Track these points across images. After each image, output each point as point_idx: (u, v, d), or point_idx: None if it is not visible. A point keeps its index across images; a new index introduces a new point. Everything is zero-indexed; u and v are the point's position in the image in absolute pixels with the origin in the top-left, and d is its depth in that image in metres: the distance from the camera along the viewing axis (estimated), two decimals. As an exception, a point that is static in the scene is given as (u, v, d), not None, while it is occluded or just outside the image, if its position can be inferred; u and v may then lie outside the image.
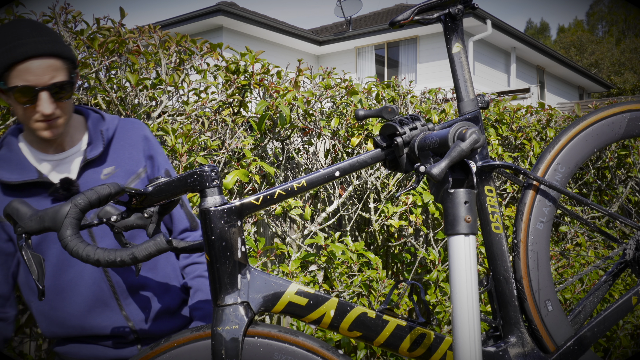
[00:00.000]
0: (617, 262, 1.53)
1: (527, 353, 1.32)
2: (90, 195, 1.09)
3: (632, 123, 1.45)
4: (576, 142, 1.40)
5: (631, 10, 39.33)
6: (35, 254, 1.06)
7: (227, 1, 13.29)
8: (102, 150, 1.46)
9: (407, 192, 1.52)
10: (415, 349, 1.21)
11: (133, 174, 1.48)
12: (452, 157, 1.03)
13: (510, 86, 14.92)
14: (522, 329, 1.32)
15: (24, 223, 1.08)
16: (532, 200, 1.35)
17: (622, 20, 42.27)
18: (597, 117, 1.42)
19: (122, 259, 1.08)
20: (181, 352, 1.15)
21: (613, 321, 1.37)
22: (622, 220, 1.47)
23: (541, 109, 3.95)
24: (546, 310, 1.33)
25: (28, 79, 1.30)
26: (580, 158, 1.40)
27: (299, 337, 1.17)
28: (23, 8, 2.16)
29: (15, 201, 1.10)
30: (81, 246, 1.05)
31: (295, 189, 1.19)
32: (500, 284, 1.33)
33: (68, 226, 1.06)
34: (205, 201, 1.12)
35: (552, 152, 1.38)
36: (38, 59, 1.30)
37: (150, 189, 1.14)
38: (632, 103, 1.46)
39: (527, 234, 1.34)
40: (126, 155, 1.49)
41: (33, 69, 1.30)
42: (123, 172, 1.47)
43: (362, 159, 1.26)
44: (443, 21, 1.37)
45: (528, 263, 1.33)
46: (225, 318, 1.11)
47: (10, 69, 1.30)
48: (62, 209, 1.07)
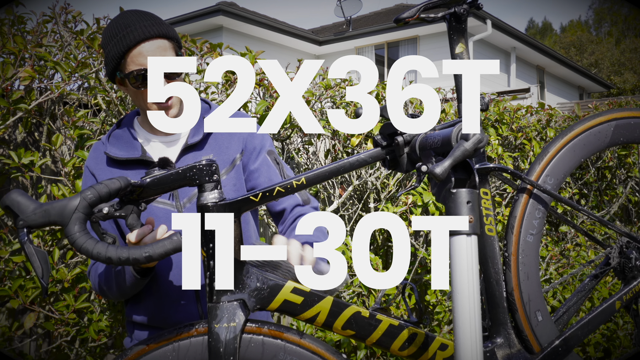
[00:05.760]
0: (600, 266, 1.56)
1: (514, 354, 1.34)
2: (101, 189, 1.05)
3: (617, 131, 1.47)
4: (564, 153, 1.42)
5: (632, 10, 39.33)
6: (40, 250, 1.01)
7: (227, 1, 13.29)
8: (202, 137, 1.50)
9: (408, 191, 1.52)
10: (406, 348, 1.22)
11: (229, 163, 1.51)
12: (455, 156, 1.02)
13: (510, 86, 14.92)
14: (510, 329, 1.34)
15: (26, 216, 1.01)
16: (523, 210, 1.37)
17: (622, 20, 42.27)
18: (583, 127, 1.45)
19: (135, 257, 1.03)
20: (176, 349, 1.14)
21: (597, 324, 1.40)
22: (610, 226, 1.49)
23: (541, 109, 3.95)
24: (536, 321, 1.36)
25: (141, 62, 1.38)
26: (568, 169, 1.42)
27: (304, 339, 1.17)
28: (23, 8, 2.16)
29: (15, 192, 1.03)
30: (91, 243, 1.01)
31: (295, 186, 1.18)
32: (491, 285, 1.35)
33: (76, 221, 1.01)
34: (204, 196, 1.11)
35: (541, 164, 1.41)
36: (147, 42, 1.39)
37: (148, 180, 1.12)
38: (617, 111, 1.49)
39: (518, 247, 1.37)
40: (224, 144, 1.52)
41: (144, 51, 1.38)
42: (220, 161, 1.50)
43: (362, 157, 1.26)
44: (448, 20, 1.37)
45: (519, 276, 1.36)
46: (222, 315, 1.11)
47: (124, 56, 1.39)
48: (70, 203, 1.02)
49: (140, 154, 1.47)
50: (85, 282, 2.03)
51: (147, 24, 1.40)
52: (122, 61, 1.39)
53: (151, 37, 1.39)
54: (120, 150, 1.48)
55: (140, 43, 1.38)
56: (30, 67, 2.00)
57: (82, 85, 2.29)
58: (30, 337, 2.15)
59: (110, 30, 1.41)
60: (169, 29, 1.43)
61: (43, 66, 2.09)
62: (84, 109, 2.28)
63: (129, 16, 1.41)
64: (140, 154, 1.47)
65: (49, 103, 2.18)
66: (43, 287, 1.01)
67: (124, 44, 1.38)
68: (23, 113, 2.04)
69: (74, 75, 2.12)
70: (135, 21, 1.39)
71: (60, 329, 2.00)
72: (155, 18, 1.43)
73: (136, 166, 1.47)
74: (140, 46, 1.38)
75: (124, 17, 1.42)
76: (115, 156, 1.47)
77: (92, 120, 2.24)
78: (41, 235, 2.04)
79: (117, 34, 1.39)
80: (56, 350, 2.13)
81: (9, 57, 2.03)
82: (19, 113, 2.02)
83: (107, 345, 2.21)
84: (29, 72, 1.97)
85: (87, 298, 2.03)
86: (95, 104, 2.35)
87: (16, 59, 2.00)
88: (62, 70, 2.07)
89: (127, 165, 1.47)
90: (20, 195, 1.03)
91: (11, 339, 2.02)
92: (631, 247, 1.51)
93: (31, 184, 2.15)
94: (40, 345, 2.20)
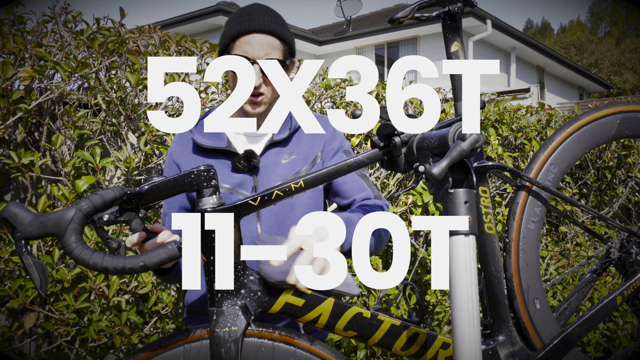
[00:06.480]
0: (601, 261, 1.56)
1: (516, 351, 1.33)
2: (96, 200, 1.06)
3: (623, 124, 1.47)
4: (569, 142, 1.42)
5: (632, 10, 39.31)
6: (37, 261, 1.02)
7: (227, 1, 13.29)
8: (287, 135, 1.52)
9: (407, 192, 1.52)
10: (409, 348, 1.22)
11: (310, 161, 1.53)
12: (452, 156, 1.02)
13: (510, 86, 14.92)
14: (511, 327, 1.34)
15: (23, 228, 1.02)
16: (525, 200, 1.37)
17: (622, 20, 42.25)
18: (590, 117, 1.45)
19: (131, 266, 1.04)
20: (187, 350, 1.14)
21: (599, 319, 1.40)
22: (610, 222, 1.49)
23: (541, 109, 3.95)
24: (534, 308, 1.36)
25: (246, 50, 1.42)
26: (572, 158, 1.42)
27: (314, 345, 1.17)
28: (23, 8, 2.16)
29: (12, 205, 1.04)
30: (87, 253, 1.02)
31: (293, 189, 1.18)
32: (492, 283, 1.34)
33: (72, 232, 1.02)
34: (202, 201, 1.12)
35: (545, 152, 1.40)
36: (260, 34, 1.42)
37: (146, 188, 1.12)
38: (623, 104, 1.49)
39: (519, 233, 1.36)
40: (307, 143, 1.54)
41: (253, 42, 1.42)
42: (301, 159, 1.52)
43: (360, 159, 1.26)
44: (442, 19, 1.37)
45: (519, 262, 1.36)
46: (224, 319, 1.11)
47: (235, 40, 1.43)
48: (65, 214, 1.03)
49: (226, 145, 1.49)
50: (85, 282, 2.03)
51: (267, 18, 1.44)
52: (231, 43, 1.45)
53: (264, 32, 1.42)
54: (206, 138, 1.51)
55: (252, 33, 1.42)
56: (30, 67, 2.00)
57: (82, 85, 2.30)
58: (30, 337, 2.15)
59: (235, 14, 1.47)
60: (286, 32, 1.47)
61: (43, 66, 2.09)
62: (84, 109, 2.29)
63: (256, 7, 1.47)
64: (226, 145, 1.49)
65: (49, 103, 2.18)
66: (42, 298, 1.02)
67: (238, 29, 1.42)
68: (23, 113, 2.04)
69: (74, 75, 2.12)
70: (258, 13, 1.44)
71: (60, 329, 2.00)
72: (278, 18, 1.48)
73: (220, 156, 1.50)
74: (251, 35, 1.42)
75: (252, 6, 1.47)
76: (202, 143, 1.50)
77: (92, 120, 2.24)
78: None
79: (238, 17, 1.44)
80: (56, 350, 2.14)
81: (9, 57, 2.03)
82: (19, 113, 2.02)
83: (107, 345, 2.22)
84: (29, 72, 1.97)
85: (87, 298, 2.04)
86: (95, 104, 2.35)
87: (16, 59, 2.01)
88: (62, 70, 2.07)
89: (211, 153, 1.50)
90: (17, 207, 1.04)
91: (11, 339, 2.03)
92: (632, 241, 1.51)
93: (31, 184, 2.16)
94: (40, 345, 2.20)
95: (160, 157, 2.37)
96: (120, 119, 2.30)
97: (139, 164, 2.24)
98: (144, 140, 2.21)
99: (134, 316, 2.14)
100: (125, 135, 2.30)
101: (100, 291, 2.04)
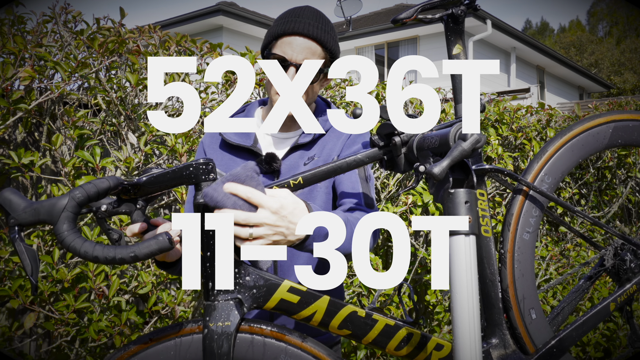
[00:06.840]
0: (595, 268, 1.56)
1: (509, 354, 1.34)
2: (89, 189, 1.05)
3: (616, 133, 1.47)
4: (562, 152, 1.42)
5: (632, 10, 39.33)
6: (30, 248, 1.02)
7: (227, 1, 13.29)
8: (312, 139, 1.51)
9: (407, 191, 1.52)
10: (402, 348, 1.22)
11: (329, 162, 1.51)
12: (453, 156, 1.02)
13: (510, 86, 14.92)
14: (505, 330, 1.35)
15: (17, 215, 1.02)
16: (520, 210, 1.38)
17: (622, 20, 42.25)
18: (582, 127, 1.45)
19: (122, 256, 1.04)
20: (178, 344, 1.14)
21: (591, 325, 1.41)
22: (605, 228, 1.50)
23: (541, 109, 3.95)
24: (530, 319, 1.37)
25: (285, 51, 1.42)
26: (566, 168, 1.43)
27: (306, 342, 1.17)
28: (23, 8, 2.16)
29: (7, 191, 1.04)
30: (79, 242, 1.01)
31: (292, 186, 1.19)
32: (487, 286, 1.35)
33: (65, 220, 1.02)
34: (200, 194, 1.11)
35: (539, 163, 1.41)
36: (302, 37, 1.41)
37: (144, 179, 1.12)
38: (616, 113, 1.49)
39: (514, 245, 1.37)
40: (329, 146, 1.53)
41: (294, 44, 1.41)
42: (321, 162, 1.50)
43: (359, 158, 1.26)
44: (445, 21, 1.37)
45: (514, 273, 1.36)
46: (218, 314, 1.11)
47: (277, 39, 1.43)
48: (59, 202, 1.03)
49: (251, 144, 1.49)
50: (85, 282, 2.03)
51: (313, 23, 1.43)
52: (274, 41, 1.44)
53: (307, 36, 1.41)
54: (235, 135, 1.51)
55: (295, 35, 1.41)
56: (30, 67, 2.00)
57: (82, 85, 2.30)
58: (30, 337, 2.15)
59: (285, 13, 1.47)
60: (330, 40, 1.45)
61: (43, 66, 2.09)
62: (84, 109, 2.29)
63: (306, 10, 1.46)
64: (251, 144, 1.49)
65: (49, 103, 2.18)
66: (32, 285, 1.02)
67: (282, 28, 1.42)
68: (23, 113, 2.04)
69: (74, 75, 2.12)
70: (306, 16, 1.44)
71: (60, 329, 2.00)
72: (327, 24, 1.46)
73: (245, 154, 1.50)
74: (293, 37, 1.41)
75: (302, 8, 1.47)
76: (228, 139, 1.50)
77: (92, 120, 2.24)
78: (41, 235, 2.04)
79: (286, 17, 1.44)
80: (56, 350, 2.14)
81: (9, 57, 2.03)
82: (19, 113, 2.02)
83: (107, 345, 2.21)
84: (29, 72, 1.97)
85: (87, 298, 2.04)
86: (95, 104, 2.35)
87: (16, 59, 2.01)
88: (62, 70, 2.07)
89: (237, 150, 1.51)
90: (12, 193, 1.03)
91: (11, 339, 2.03)
92: (626, 249, 1.51)
93: (31, 184, 2.16)
94: (40, 345, 2.20)
95: (160, 157, 2.37)
96: (120, 119, 2.30)
97: (139, 164, 2.24)
98: (144, 140, 2.21)
99: (134, 316, 2.14)
100: (125, 135, 2.30)
101: (100, 291, 2.04)
